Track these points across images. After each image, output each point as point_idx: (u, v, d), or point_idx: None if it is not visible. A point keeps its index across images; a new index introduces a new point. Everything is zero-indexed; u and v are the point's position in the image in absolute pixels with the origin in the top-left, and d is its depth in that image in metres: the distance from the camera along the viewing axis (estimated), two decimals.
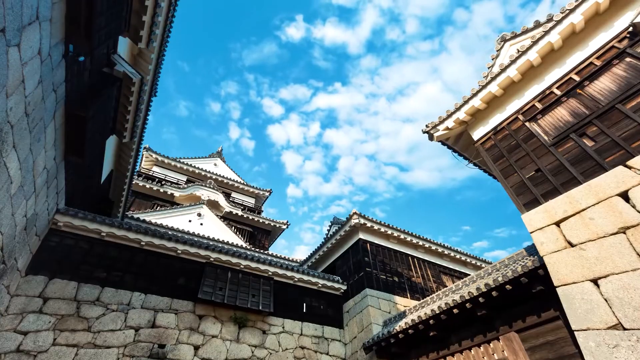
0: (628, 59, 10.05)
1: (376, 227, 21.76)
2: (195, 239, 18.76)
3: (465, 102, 13.82)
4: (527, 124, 12.17)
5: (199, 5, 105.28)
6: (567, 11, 11.08)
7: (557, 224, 9.78)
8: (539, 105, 12.02)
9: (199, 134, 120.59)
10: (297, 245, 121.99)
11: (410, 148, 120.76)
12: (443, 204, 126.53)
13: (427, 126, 14.85)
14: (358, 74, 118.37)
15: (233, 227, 34.62)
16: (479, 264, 25.61)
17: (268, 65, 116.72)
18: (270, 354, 16.27)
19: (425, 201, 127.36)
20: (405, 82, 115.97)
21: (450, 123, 14.24)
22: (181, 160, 37.95)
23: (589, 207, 9.18)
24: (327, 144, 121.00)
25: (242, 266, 17.82)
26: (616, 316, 7.72)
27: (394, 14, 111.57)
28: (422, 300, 16.85)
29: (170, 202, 33.47)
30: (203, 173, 38.53)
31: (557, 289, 9.12)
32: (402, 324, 14.43)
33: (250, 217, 36.64)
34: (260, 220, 37.00)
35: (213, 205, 34.94)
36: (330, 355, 17.88)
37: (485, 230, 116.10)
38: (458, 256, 24.70)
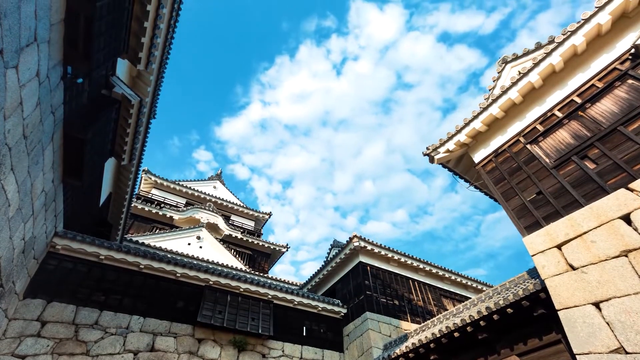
0: (630, 81, 10.08)
1: (376, 250, 21.67)
2: (195, 262, 18.71)
3: (466, 124, 13.84)
4: (528, 146, 12.20)
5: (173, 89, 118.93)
6: (569, 33, 11.14)
7: (559, 247, 9.75)
8: (541, 128, 12.05)
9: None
10: None
11: (366, 204, 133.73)
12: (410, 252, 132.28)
13: (427, 148, 14.85)
14: (314, 142, 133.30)
15: (232, 250, 34.46)
16: (479, 287, 25.46)
17: (235, 136, 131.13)
18: None
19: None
20: (356, 147, 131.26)
21: (451, 145, 14.24)
22: (180, 183, 37.92)
23: (591, 230, 9.17)
24: (290, 198, 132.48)
25: (241, 289, 17.70)
26: (618, 340, 7.66)
27: (342, 97, 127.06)
28: (423, 324, 16.70)
29: (169, 225, 33.33)
30: (202, 196, 38.47)
31: (558, 312, 9.07)
32: (402, 348, 14.28)
33: (250, 240, 36.43)
34: (260, 244, 36.81)
35: (212, 228, 34.79)
36: None
37: (461, 270, 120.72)
38: (459, 279, 24.56)
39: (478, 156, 13.92)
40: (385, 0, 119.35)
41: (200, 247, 30.87)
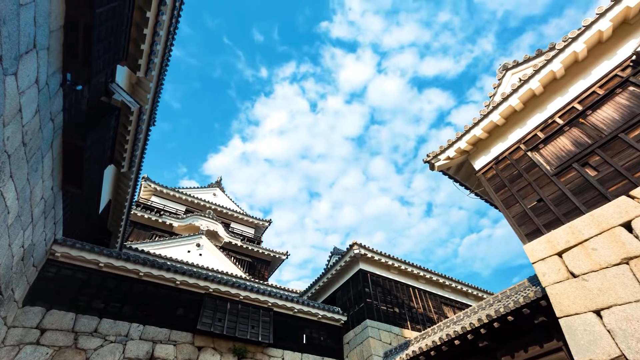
0: (631, 88, 10.07)
1: (377, 257, 21.61)
2: (194, 270, 18.65)
3: (467, 131, 13.82)
4: (529, 153, 12.17)
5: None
6: (570, 39, 11.14)
7: (560, 254, 9.72)
8: (541, 135, 12.03)
9: None
10: None
11: (346, 227, 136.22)
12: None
13: (427, 156, 14.83)
14: (293, 173, 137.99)
15: (232, 258, 34.37)
16: (480, 294, 25.37)
17: (218, 169, 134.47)
18: None
19: None
20: (334, 177, 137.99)
21: (451, 152, 14.21)
22: (180, 190, 37.87)
23: (592, 237, 9.14)
24: (274, 221, 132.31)
25: (241, 297, 17.63)
26: (619, 348, 7.61)
27: (319, 133, 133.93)
28: (423, 332, 16.64)
29: (169, 233, 33.26)
30: (202, 203, 38.40)
31: (559, 320, 9.02)
32: (403, 356, 14.21)
33: (250, 248, 36.35)
34: (260, 251, 36.71)
35: (212, 235, 34.71)
36: None
37: None
38: (459, 287, 24.49)
39: (478, 163, 13.90)
40: (357, 44, 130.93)
41: (200, 254, 30.80)
